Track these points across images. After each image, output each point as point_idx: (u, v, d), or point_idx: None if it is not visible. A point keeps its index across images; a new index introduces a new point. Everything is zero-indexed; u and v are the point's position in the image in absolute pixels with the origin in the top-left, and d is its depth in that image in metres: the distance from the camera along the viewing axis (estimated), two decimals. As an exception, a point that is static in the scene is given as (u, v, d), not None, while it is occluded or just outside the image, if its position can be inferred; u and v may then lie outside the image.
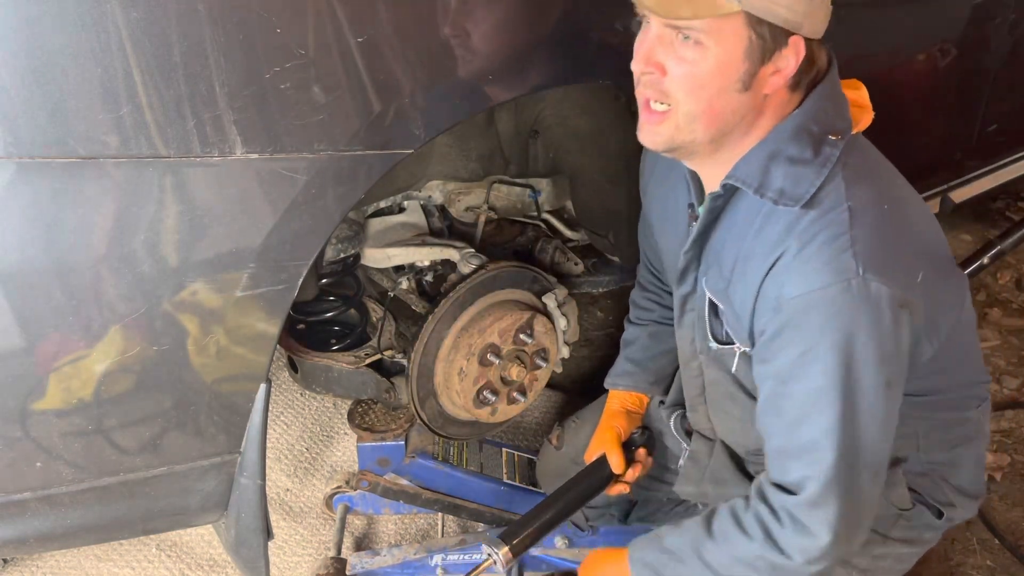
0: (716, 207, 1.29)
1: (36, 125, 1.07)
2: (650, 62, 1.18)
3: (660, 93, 1.19)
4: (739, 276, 1.27)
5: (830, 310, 1.16)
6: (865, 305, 1.16)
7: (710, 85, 1.16)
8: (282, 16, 1.15)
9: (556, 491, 1.66)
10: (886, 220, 1.22)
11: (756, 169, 1.21)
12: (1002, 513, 2.27)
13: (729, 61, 1.14)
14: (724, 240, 1.32)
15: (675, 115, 1.19)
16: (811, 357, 1.18)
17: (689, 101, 1.17)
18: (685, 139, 1.21)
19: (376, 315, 2.00)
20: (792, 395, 1.22)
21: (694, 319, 1.47)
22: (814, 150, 1.20)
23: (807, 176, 1.19)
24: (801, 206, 1.18)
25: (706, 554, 1.32)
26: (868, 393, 1.19)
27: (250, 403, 1.36)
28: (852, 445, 1.21)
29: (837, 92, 1.26)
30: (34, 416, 1.23)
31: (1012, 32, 2.33)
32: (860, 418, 1.20)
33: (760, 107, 1.21)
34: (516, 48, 1.39)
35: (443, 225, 2.07)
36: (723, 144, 1.24)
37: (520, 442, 2.47)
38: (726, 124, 1.20)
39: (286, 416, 2.51)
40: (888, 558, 1.52)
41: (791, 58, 1.16)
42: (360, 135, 1.26)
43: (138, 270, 1.18)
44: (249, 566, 1.53)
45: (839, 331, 1.16)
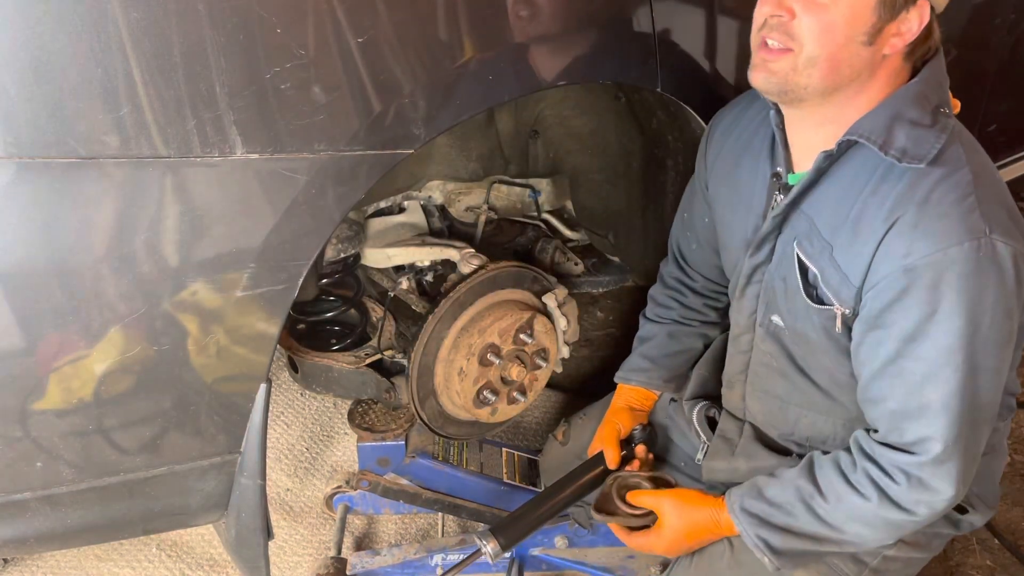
0: (824, 168, 1.29)
1: (36, 125, 1.07)
2: (782, 5, 1.21)
3: (786, 36, 1.21)
4: (848, 236, 1.27)
5: (963, 268, 1.18)
6: (993, 265, 1.18)
7: (839, 32, 1.19)
8: (282, 16, 1.15)
9: (550, 486, 1.67)
10: (999, 188, 1.26)
11: (881, 126, 1.22)
12: (1002, 513, 2.27)
13: (861, 11, 1.18)
14: (822, 202, 1.32)
15: (796, 56, 1.21)
16: (941, 316, 1.20)
17: (815, 45, 1.20)
18: (800, 81, 1.23)
19: (376, 315, 2.00)
20: (919, 356, 1.23)
21: (759, 291, 1.47)
22: (933, 117, 1.23)
23: (928, 138, 1.22)
24: (926, 164, 1.21)
25: (818, 509, 1.35)
26: (992, 352, 1.22)
27: (250, 403, 1.36)
28: (975, 402, 1.24)
29: (944, 70, 1.30)
30: (34, 416, 1.23)
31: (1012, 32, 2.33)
32: (982, 376, 1.23)
33: (875, 68, 1.24)
34: (516, 48, 1.39)
35: (443, 225, 2.07)
36: (832, 98, 1.26)
37: (520, 442, 2.47)
38: (842, 76, 1.23)
39: (286, 416, 2.51)
40: (898, 561, 1.52)
41: (915, 22, 1.20)
42: (360, 135, 1.26)
43: (138, 270, 1.18)
44: (249, 566, 1.53)
45: (970, 290, 1.18)
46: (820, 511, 1.35)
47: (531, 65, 1.41)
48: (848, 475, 1.33)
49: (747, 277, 1.49)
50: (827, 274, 1.31)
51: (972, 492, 1.50)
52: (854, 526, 1.34)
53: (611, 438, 1.69)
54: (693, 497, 1.51)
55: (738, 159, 1.51)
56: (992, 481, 1.55)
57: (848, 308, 1.30)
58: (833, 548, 1.41)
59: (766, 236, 1.41)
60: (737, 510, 1.43)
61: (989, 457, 1.52)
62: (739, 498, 1.44)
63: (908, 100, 1.24)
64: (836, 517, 1.34)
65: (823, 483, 1.36)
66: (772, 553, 1.39)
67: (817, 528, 1.36)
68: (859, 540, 1.38)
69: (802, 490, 1.37)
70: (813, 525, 1.36)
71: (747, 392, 1.59)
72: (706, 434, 1.70)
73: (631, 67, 1.31)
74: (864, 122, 1.24)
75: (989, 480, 1.54)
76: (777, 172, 1.41)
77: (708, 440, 1.70)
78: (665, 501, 1.51)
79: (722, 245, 1.61)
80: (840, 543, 1.39)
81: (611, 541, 2.04)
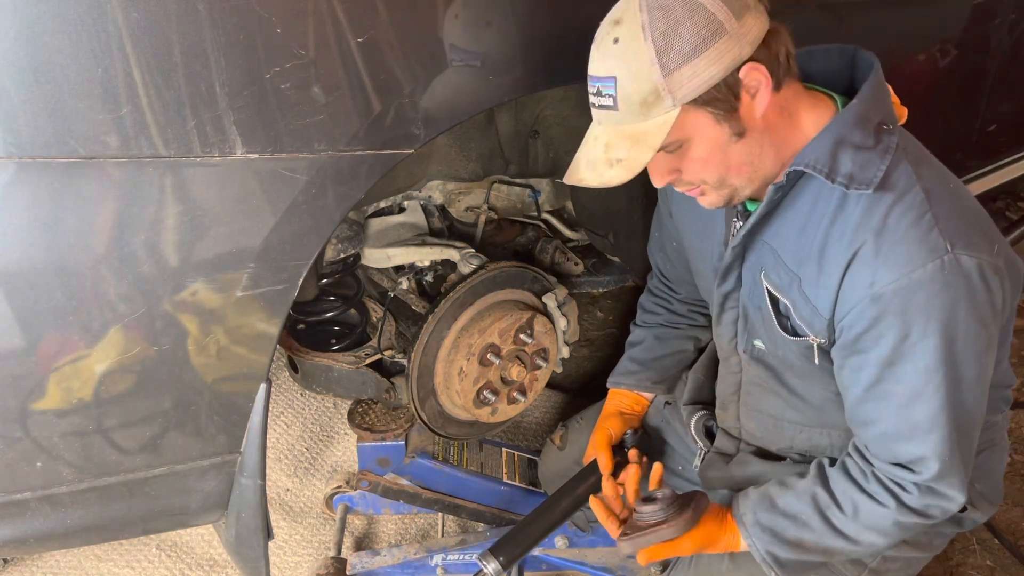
0: (775, 199, 1.30)
1: (36, 125, 1.07)
2: (664, 178, 1.29)
3: (689, 185, 1.31)
4: (815, 268, 1.28)
5: (930, 289, 1.18)
6: (960, 279, 1.18)
7: (714, 156, 1.24)
8: (282, 16, 1.14)
9: (548, 499, 1.67)
10: (957, 198, 1.26)
11: (824, 154, 1.22)
12: (1002, 513, 2.27)
13: (710, 134, 1.21)
14: (781, 232, 1.33)
15: (710, 187, 1.30)
16: (915, 338, 1.21)
17: (712, 175, 1.27)
18: (730, 192, 1.30)
19: (376, 315, 2.00)
20: (900, 378, 1.24)
21: (735, 317, 1.48)
22: (875, 138, 1.23)
23: (873, 161, 1.22)
24: (873, 190, 1.21)
25: (834, 520, 1.35)
26: (972, 362, 1.23)
27: (250, 403, 1.36)
28: (962, 413, 1.25)
29: (884, 85, 1.30)
30: (34, 416, 1.23)
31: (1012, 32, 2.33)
32: (965, 386, 1.24)
33: (767, 125, 1.24)
34: (516, 48, 1.39)
35: (443, 225, 2.07)
36: (763, 173, 1.29)
37: (520, 442, 2.47)
38: (752, 165, 1.26)
39: (286, 416, 2.51)
40: (898, 561, 1.52)
41: (755, 79, 1.18)
42: (360, 135, 1.26)
43: (138, 270, 1.18)
44: (249, 566, 1.53)
45: (940, 309, 1.19)
46: (836, 521, 1.35)
47: (531, 65, 1.41)
48: (862, 484, 1.33)
49: (720, 305, 1.50)
50: (798, 306, 1.32)
51: (975, 489, 1.50)
52: (869, 535, 1.34)
53: (603, 444, 1.69)
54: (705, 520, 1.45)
55: None
56: (993, 476, 1.55)
57: (823, 338, 1.31)
58: (839, 557, 1.42)
59: (729, 265, 1.43)
60: (750, 524, 1.41)
61: (989, 452, 1.52)
62: (752, 511, 1.42)
63: (849, 123, 1.23)
64: (852, 527, 1.34)
65: (838, 493, 1.35)
66: (779, 567, 1.39)
67: (830, 540, 1.36)
68: (872, 549, 1.38)
69: (818, 499, 1.36)
70: (827, 536, 1.36)
71: (741, 413, 1.59)
72: (704, 443, 1.70)
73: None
74: (808, 151, 1.24)
75: (991, 476, 1.54)
76: None
77: (705, 447, 1.70)
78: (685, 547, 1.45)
79: (694, 270, 1.64)
80: (850, 553, 1.40)
81: (611, 541, 2.04)
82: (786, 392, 1.48)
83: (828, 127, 1.24)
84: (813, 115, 1.27)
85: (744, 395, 1.57)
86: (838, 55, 1.35)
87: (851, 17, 1.88)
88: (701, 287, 1.63)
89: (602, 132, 1.23)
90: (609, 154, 1.21)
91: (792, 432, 1.52)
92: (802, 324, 1.33)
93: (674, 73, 1.14)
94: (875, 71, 1.27)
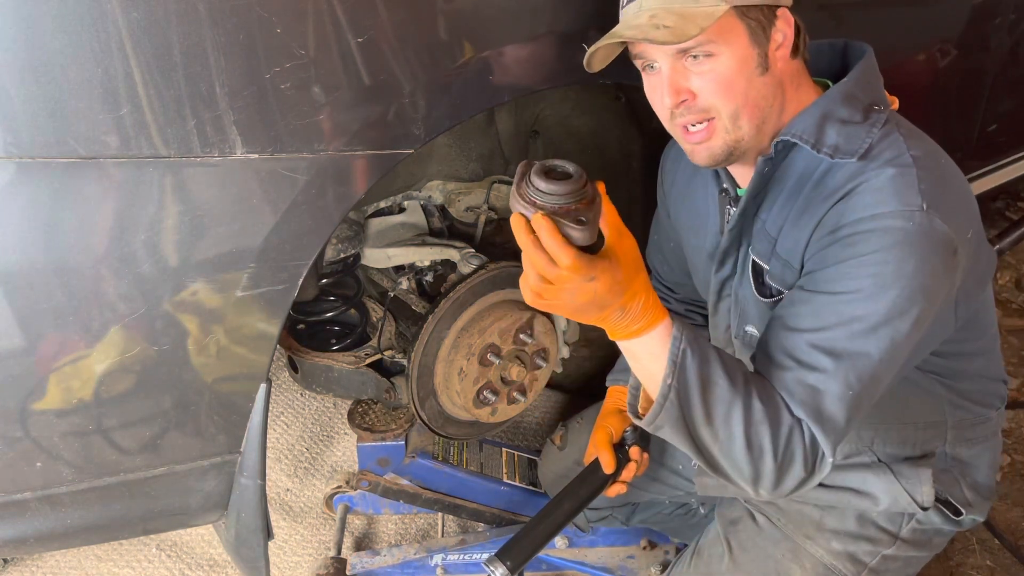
0: (766, 173, 1.31)
1: (36, 125, 1.07)
2: (679, 93, 1.23)
3: (699, 113, 1.25)
4: (790, 228, 1.29)
5: (890, 234, 1.15)
6: (925, 239, 1.16)
7: (738, 80, 1.22)
8: (282, 16, 1.14)
9: (552, 501, 1.67)
10: (945, 173, 1.25)
11: (811, 126, 1.24)
12: (1002, 513, 2.27)
13: (742, 53, 1.21)
14: (772, 206, 1.34)
15: (719, 123, 1.25)
16: (863, 263, 1.15)
17: (728, 103, 1.23)
18: (737, 137, 1.26)
19: (376, 315, 2.00)
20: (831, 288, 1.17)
21: (730, 304, 1.49)
22: (863, 114, 1.25)
23: (858, 134, 1.23)
24: (859, 158, 1.21)
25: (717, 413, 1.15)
26: (900, 319, 1.15)
27: (250, 403, 1.36)
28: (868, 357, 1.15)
29: (875, 70, 1.31)
30: (34, 416, 1.23)
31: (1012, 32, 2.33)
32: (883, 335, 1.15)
33: (781, 83, 1.27)
34: (516, 48, 1.39)
35: (443, 225, 2.07)
36: (766, 130, 1.28)
37: (520, 442, 2.47)
38: (764, 110, 1.26)
39: (286, 416, 2.51)
40: (898, 560, 1.52)
41: (785, 29, 1.24)
42: (360, 135, 1.26)
43: (138, 270, 1.18)
44: (249, 566, 1.53)
45: (895, 253, 1.15)
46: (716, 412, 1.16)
47: (531, 65, 1.41)
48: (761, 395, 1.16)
49: (717, 293, 1.51)
50: (772, 267, 1.33)
51: (966, 484, 1.50)
52: (731, 426, 1.14)
53: (604, 443, 1.69)
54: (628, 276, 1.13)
55: (690, 183, 1.56)
56: (985, 472, 1.54)
57: None
58: (708, 445, 1.18)
59: (727, 250, 1.43)
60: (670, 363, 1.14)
61: (982, 447, 1.52)
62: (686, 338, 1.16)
63: (837, 100, 1.25)
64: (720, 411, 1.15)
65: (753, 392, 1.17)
66: (677, 378, 1.13)
67: (720, 408, 1.14)
68: (725, 457, 1.17)
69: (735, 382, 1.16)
70: (723, 405, 1.14)
71: None
72: None
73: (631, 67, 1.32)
74: (796, 123, 1.26)
75: (982, 471, 1.53)
76: (724, 188, 1.45)
77: None
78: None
79: (691, 267, 1.65)
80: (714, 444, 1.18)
81: (611, 541, 2.05)
82: None
83: (816, 102, 1.27)
84: (808, 95, 1.30)
85: None
86: (828, 49, 1.38)
87: (851, 17, 1.88)
88: (698, 283, 1.64)
89: (649, 4, 1.20)
90: (655, 21, 1.18)
91: None
92: (775, 284, 1.34)
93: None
94: (867, 56, 1.30)
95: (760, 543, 1.58)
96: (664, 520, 2.00)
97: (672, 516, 2.00)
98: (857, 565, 1.51)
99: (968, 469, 1.51)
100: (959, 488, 1.50)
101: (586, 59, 1.28)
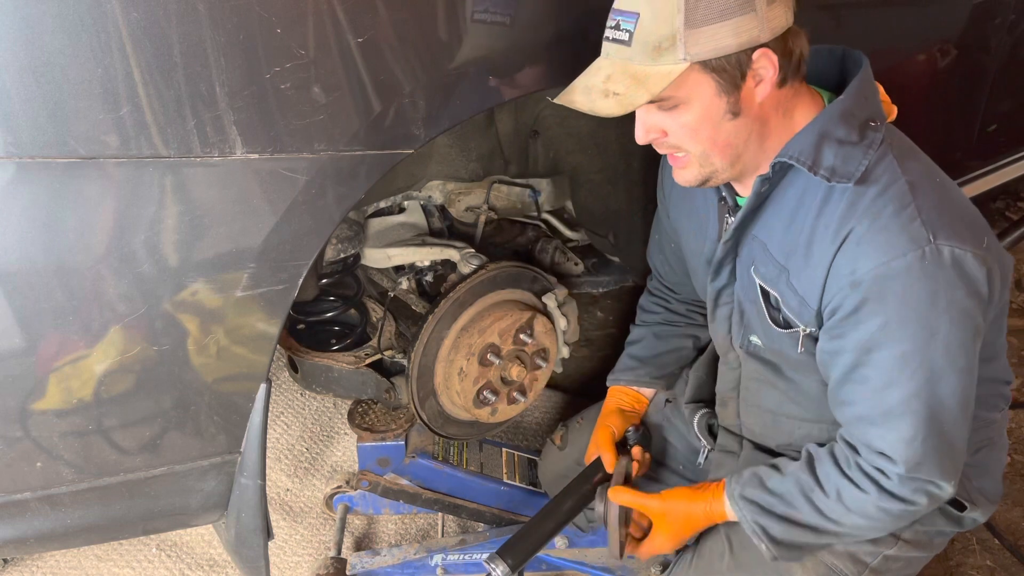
0: (763, 192, 1.32)
1: (36, 125, 1.07)
2: (649, 132, 1.29)
3: (671, 148, 1.31)
4: (802, 261, 1.30)
5: (909, 278, 1.19)
6: (940, 270, 1.19)
7: (703, 129, 1.25)
8: (282, 16, 1.14)
9: (552, 500, 1.67)
10: (943, 191, 1.27)
11: (808, 147, 1.24)
12: (1002, 513, 2.27)
13: (707, 104, 1.22)
14: (769, 225, 1.35)
15: (692, 156, 1.30)
16: (893, 325, 1.21)
17: (696, 146, 1.28)
18: (709, 172, 1.31)
19: (376, 315, 2.00)
20: (876, 363, 1.25)
21: (728, 313, 1.50)
22: (859, 133, 1.25)
23: (855, 155, 1.24)
24: (856, 183, 1.22)
25: (818, 502, 1.36)
26: (954, 351, 1.23)
27: (250, 403, 1.36)
28: (941, 402, 1.25)
29: (872, 82, 1.31)
30: (34, 416, 1.23)
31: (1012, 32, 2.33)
32: (945, 376, 1.24)
33: (760, 118, 1.27)
34: (516, 48, 1.39)
35: (443, 225, 2.07)
36: (745, 160, 1.30)
37: (520, 442, 2.47)
38: (736, 147, 1.28)
39: (286, 416, 2.51)
40: (900, 560, 1.52)
41: (766, 66, 1.21)
42: (360, 135, 1.26)
43: (138, 270, 1.18)
44: (249, 566, 1.53)
45: (919, 298, 1.20)
46: (820, 504, 1.36)
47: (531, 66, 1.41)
48: (844, 469, 1.34)
49: (714, 300, 1.53)
50: (787, 298, 1.34)
51: (973, 486, 1.50)
52: (852, 518, 1.35)
53: (606, 442, 1.69)
54: (682, 494, 1.53)
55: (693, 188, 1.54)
56: (992, 475, 1.55)
57: (812, 328, 1.33)
58: (832, 540, 1.42)
59: (721, 261, 1.45)
60: (737, 497, 1.44)
61: (987, 450, 1.52)
62: (739, 486, 1.44)
63: (834, 119, 1.25)
64: (835, 510, 1.35)
65: (822, 476, 1.37)
66: (770, 541, 1.40)
67: (817, 520, 1.37)
68: (857, 532, 1.39)
69: (802, 483, 1.38)
70: (813, 517, 1.37)
71: (741, 409, 1.60)
72: (707, 441, 1.71)
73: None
74: (793, 144, 1.26)
75: (989, 474, 1.54)
76: (723, 196, 1.45)
77: (709, 445, 1.70)
78: (654, 505, 1.53)
79: (690, 269, 1.66)
80: (839, 535, 1.40)
81: (611, 541, 2.04)
82: (784, 385, 1.49)
83: (813, 121, 1.27)
84: (806, 113, 1.29)
85: (743, 391, 1.58)
86: (827, 55, 1.37)
87: (851, 17, 1.88)
88: (697, 286, 1.65)
89: (606, 65, 1.24)
90: (607, 86, 1.22)
91: (790, 427, 1.52)
92: (791, 315, 1.35)
93: (696, 29, 1.15)
94: (863, 69, 1.29)
95: (761, 543, 1.59)
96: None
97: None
98: (858, 565, 1.51)
99: (974, 471, 1.50)
100: (965, 490, 1.50)
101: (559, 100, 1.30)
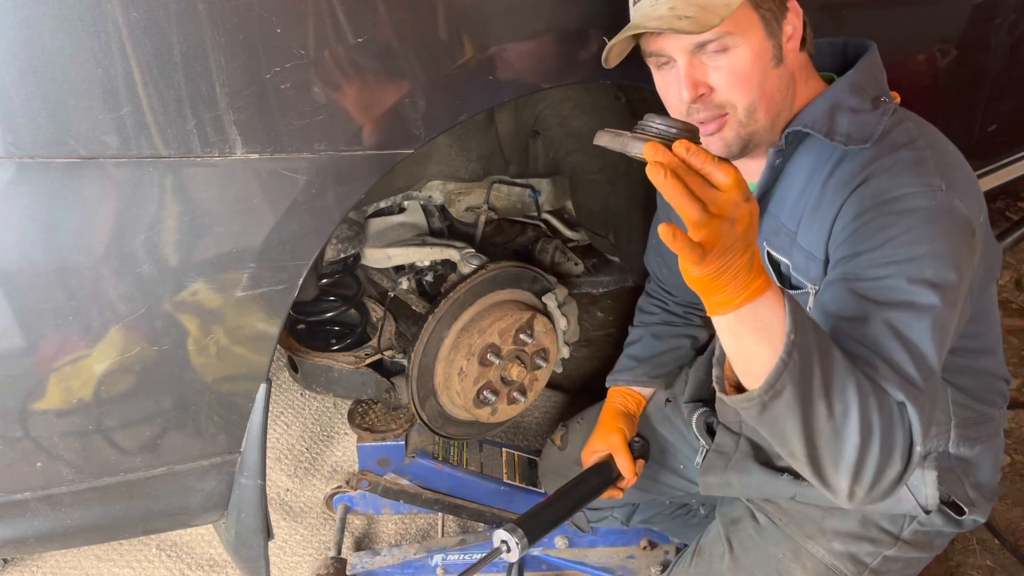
0: (778, 166, 1.31)
1: (36, 125, 1.07)
2: (697, 87, 1.23)
3: (716, 108, 1.24)
4: (808, 218, 1.29)
5: (917, 214, 1.15)
6: (947, 216, 1.16)
7: (754, 72, 1.23)
8: (282, 16, 1.14)
9: (565, 485, 1.64)
10: (955, 159, 1.27)
11: (822, 115, 1.25)
12: (1002, 513, 2.27)
13: (758, 45, 1.22)
14: (784, 200, 1.34)
15: (735, 115, 1.25)
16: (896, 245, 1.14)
17: (745, 96, 1.24)
18: (752, 130, 1.26)
19: (376, 315, 2.00)
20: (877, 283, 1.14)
21: None
22: (872, 103, 1.26)
23: (870, 121, 1.24)
24: (873, 144, 1.22)
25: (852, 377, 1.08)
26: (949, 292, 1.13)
27: (250, 403, 1.36)
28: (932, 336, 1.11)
29: (879, 65, 1.33)
30: (34, 416, 1.23)
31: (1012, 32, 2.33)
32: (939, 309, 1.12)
33: (793, 75, 1.28)
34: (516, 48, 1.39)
35: (443, 225, 2.07)
36: (779, 124, 1.29)
37: (520, 442, 2.47)
38: (779, 102, 1.27)
39: (286, 416, 2.51)
40: (900, 561, 1.52)
41: (795, 20, 1.25)
42: (360, 135, 1.26)
43: (138, 270, 1.18)
44: (249, 566, 1.53)
45: (926, 231, 1.14)
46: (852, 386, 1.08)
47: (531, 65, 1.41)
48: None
49: None
50: (795, 260, 1.33)
51: (968, 483, 1.50)
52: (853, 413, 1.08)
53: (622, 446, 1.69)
54: None
55: None
56: (988, 472, 1.54)
57: (820, 284, 1.28)
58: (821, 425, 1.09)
59: None
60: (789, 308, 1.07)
61: (984, 447, 1.52)
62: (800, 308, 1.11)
63: (845, 90, 1.27)
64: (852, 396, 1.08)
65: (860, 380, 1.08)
66: (788, 352, 1.05)
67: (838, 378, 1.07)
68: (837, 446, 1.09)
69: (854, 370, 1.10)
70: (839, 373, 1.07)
71: None
72: (706, 440, 1.70)
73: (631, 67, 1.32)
74: (806, 114, 1.27)
75: (985, 471, 1.53)
76: None
77: (707, 444, 1.70)
78: None
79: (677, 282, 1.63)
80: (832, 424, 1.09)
81: (611, 541, 2.04)
82: None
83: (824, 93, 1.28)
84: (815, 87, 1.31)
85: None
86: (828, 47, 1.39)
87: (851, 17, 1.89)
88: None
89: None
90: (676, 12, 1.18)
91: None
92: (799, 276, 1.33)
93: None
94: (870, 51, 1.31)
95: (761, 543, 1.58)
96: (664, 520, 2.00)
97: (672, 516, 2.00)
98: (858, 565, 1.51)
99: (971, 468, 1.50)
100: (962, 488, 1.50)
101: (604, 54, 1.28)
